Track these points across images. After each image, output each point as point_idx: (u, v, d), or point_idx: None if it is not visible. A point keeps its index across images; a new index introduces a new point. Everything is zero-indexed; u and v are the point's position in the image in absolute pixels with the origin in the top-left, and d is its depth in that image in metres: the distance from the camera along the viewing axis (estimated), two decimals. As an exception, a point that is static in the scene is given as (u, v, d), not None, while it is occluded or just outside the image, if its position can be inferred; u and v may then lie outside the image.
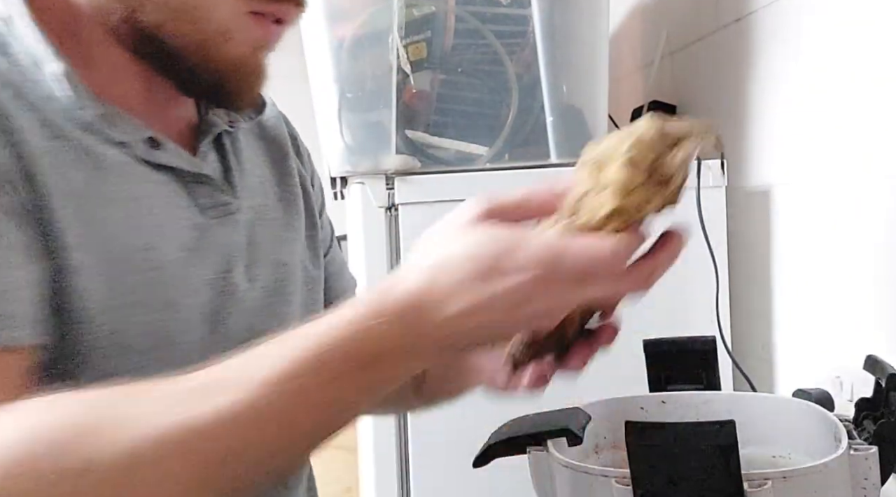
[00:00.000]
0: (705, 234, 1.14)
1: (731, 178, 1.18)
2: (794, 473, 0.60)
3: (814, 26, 1.01)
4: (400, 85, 1.16)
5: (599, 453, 0.82)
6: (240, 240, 0.64)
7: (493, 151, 1.20)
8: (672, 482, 0.57)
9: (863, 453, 0.62)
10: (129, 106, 0.60)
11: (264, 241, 0.67)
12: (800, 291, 1.08)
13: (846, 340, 0.97)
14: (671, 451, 0.57)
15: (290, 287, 0.69)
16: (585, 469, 0.65)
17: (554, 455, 0.70)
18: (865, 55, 0.91)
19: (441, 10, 1.17)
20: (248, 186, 0.67)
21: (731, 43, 1.22)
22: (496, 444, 0.76)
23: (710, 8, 1.28)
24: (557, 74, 1.20)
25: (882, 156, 0.89)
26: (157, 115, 0.62)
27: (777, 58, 1.10)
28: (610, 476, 0.62)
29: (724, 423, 0.56)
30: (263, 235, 0.67)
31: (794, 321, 1.10)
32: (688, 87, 1.41)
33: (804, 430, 0.74)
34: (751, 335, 1.19)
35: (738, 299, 1.20)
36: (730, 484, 0.56)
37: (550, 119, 1.20)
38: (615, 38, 1.70)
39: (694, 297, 1.17)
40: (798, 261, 1.08)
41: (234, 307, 0.62)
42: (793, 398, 0.81)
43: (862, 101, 0.92)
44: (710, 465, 0.56)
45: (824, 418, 0.71)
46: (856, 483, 0.62)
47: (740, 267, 1.20)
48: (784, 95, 1.09)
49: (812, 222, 1.04)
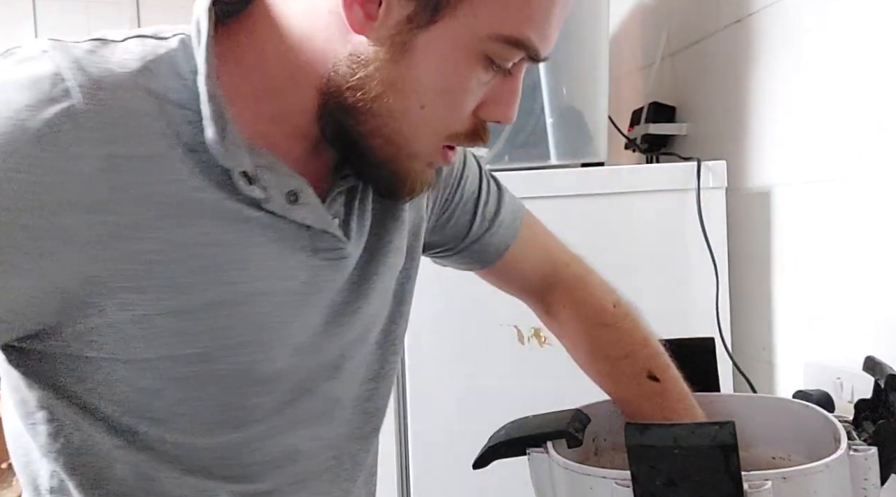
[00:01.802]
0: (705, 234, 1.14)
1: (731, 179, 1.18)
2: (793, 474, 0.60)
3: (814, 27, 1.01)
4: (400, 86, 1.16)
5: (600, 455, 0.82)
6: (343, 281, 0.65)
7: (494, 153, 1.20)
8: (672, 483, 0.57)
9: (862, 454, 0.62)
10: (284, 151, 0.59)
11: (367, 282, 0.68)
12: (800, 292, 1.08)
13: (846, 341, 0.97)
14: (671, 451, 0.57)
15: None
16: (585, 471, 0.65)
17: (554, 457, 0.70)
18: (866, 55, 0.92)
19: (441, 11, 1.17)
20: (364, 228, 0.68)
21: (731, 44, 1.23)
22: (496, 446, 0.76)
23: (711, 9, 1.28)
24: (557, 76, 1.20)
25: (882, 156, 0.89)
26: (306, 160, 0.61)
27: (777, 58, 1.10)
28: (610, 478, 0.62)
29: (723, 423, 0.56)
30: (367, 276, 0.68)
31: (794, 322, 1.10)
32: (688, 88, 1.41)
33: (804, 432, 0.74)
34: (751, 335, 1.19)
35: (738, 299, 1.20)
36: (730, 484, 0.56)
37: (550, 120, 1.20)
38: (615, 39, 1.70)
39: (694, 297, 1.17)
40: (798, 261, 1.08)
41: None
42: (792, 399, 0.81)
43: (862, 102, 0.92)
44: (710, 466, 0.56)
45: (824, 419, 0.71)
46: (856, 484, 0.62)
47: (740, 267, 1.20)
48: (784, 96, 1.09)
49: (812, 222, 1.04)
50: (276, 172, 0.58)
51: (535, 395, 0.93)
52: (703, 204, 1.15)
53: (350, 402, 0.68)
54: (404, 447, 1.16)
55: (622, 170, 1.24)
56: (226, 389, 0.59)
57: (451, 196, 0.80)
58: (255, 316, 0.58)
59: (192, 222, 0.55)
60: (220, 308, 0.56)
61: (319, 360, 0.64)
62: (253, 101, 0.58)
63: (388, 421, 1.15)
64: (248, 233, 0.57)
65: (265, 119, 0.58)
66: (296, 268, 0.60)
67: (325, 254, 0.62)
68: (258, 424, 0.62)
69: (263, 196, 0.57)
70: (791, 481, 0.59)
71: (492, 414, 0.86)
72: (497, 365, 1.15)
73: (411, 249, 0.74)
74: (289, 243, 0.60)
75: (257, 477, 0.63)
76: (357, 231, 0.66)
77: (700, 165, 1.16)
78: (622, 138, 1.47)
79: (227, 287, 0.57)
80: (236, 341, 0.58)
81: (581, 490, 0.65)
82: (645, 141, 1.41)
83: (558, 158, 1.21)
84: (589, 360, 0.85)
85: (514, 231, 0.84)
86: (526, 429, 0.76)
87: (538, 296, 0.88)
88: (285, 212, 0.59)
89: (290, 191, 0.59)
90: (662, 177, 1.17)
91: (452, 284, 1.14)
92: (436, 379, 1.14)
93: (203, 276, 0.55)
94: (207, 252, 0.56)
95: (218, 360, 0.57)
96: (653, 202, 1.17)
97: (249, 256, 0.58)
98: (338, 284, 0.64)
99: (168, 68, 0.55)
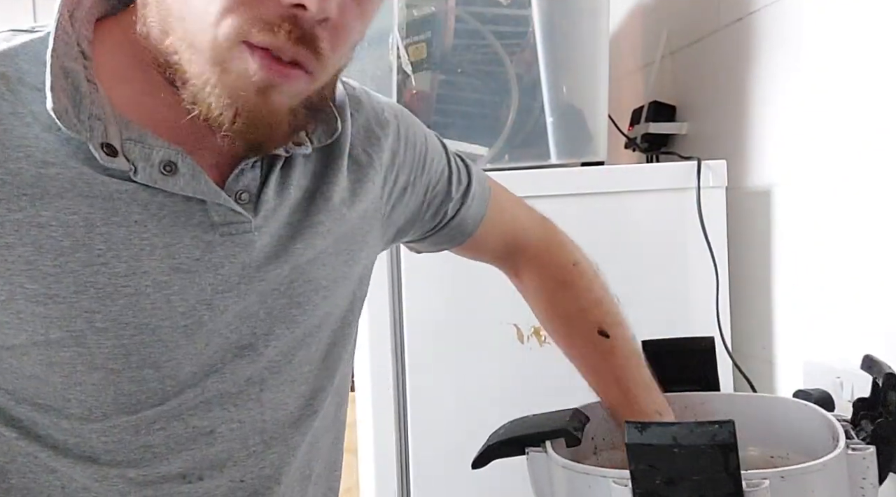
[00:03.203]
0: (705, 234, 1.14)
1: (731, 178, 1.18)
2: (791, 473, 0.60)
3: (815, 26, 1.01)
4: (400, 85, 1.17)
5: (598, 454, 0.82)
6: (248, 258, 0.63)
7: (494, 152, 1.20)
8: (671, 482, 0.57)
9: (860, 453, 0.62)
10: (170, 123, 0.59)
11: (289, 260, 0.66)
12: (800, 291, 1.08)
13: (846, 340, 0.96)
14: (670, 450, 0.57)
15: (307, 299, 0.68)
16: (583, 470, 0.65)
17: (552, 456, 0.70)
18: (866, 55, 0.91)
19: (441, 10, 1.17)
20: (284, 207, 0.66)
21: (731, 43, 1.22)
22: (494, 446, 0.76)
23: (712, 7, 1.28)
24: (557, 74, 1.20)
25: (882, 156, 0.89)
26: (203, 131, 0.59)
27: (778, 57, 1.10)
28: (608, 476, 0.62)
29: (723, 422, 0.57)
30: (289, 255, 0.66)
31: (794, 321, 1.10)
32: (688, 87, 1.41)
33: (802, 431, 0.74)
34: (751, 335, 1.19)
35: (738, 299, 1.20)
36: (729, 484, 0.56)
37: (551, 119, 1.20)
38: (615, 38, 1.70)
39: (694, 297, 1.17)
40: (798, 261, 1.08)
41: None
42: (791, 398, 0.81)
43: (862, 101, 0.92)
44: (709, 465, 0.56)
45: (822, 419, 0.71)
46: (853, 483, 0.62)
47: (740, 267, 1.20)
48: (784, 95, 1.09)
49: (812, 222, 1.04)
50: (146, 143, 0.57)
51: (535, 394, 0.93)
52: (704, 203, 1.15)
53: (280, 384, 0.66)
54: (404, 446, 1.16)
55: (622, 169, 1.24)
56: (110, 373, 0.58)
57: (414, 179, 0.78)
58: (134, 296, 0.57)
59: (52, 202, 0.55)
60: (91, 290, 0.56)
61: (225, 339, 0.62)
62: (128, 77, 0.59)
63: (388, 420, 1.16)
64: (122, 210, 0.57)
65: (141, 92, 0.59)
66: (184, 244, 0.59)
67: (224, 228, 0.61)
68: (156, 407, 0.60)
69: (128, 167, 0.56)
70: (789, 480, 0.59)
71: (492, 413, 0.86)
72: (496, 364, 1.15)
73: (356, 234, 0.72)
74: (176, 218, 0.59)
75: (160, 460, 0.61)
76: (275, 206, 0.64)
77: (700, 165, 1.16)
78: (622, 137, 1.46)
79: (98, 268, 0.56)
80: (113, 324, 0.57)
81: (579, 489, 0.66)
82: (645, 140, 1.41)
83: (558, 157, 1.21)
84: (548, 318, 0.89)
85: (485, 201, 0.85)
86: (524, 428, 0.76)
87: (506, 261, 0.90)
88: (161, 183, 0.57)
89: (165, 161, 0.58)
90: (662, 176, 1.17)
91: (452, 283, 1.14)
92: (435, 377, 1.14)
93: (67, 258, 0.55)
94: (74, 232, 0.55)
95: (96, 344, 0.56)
96: (653, 201, 1.17)
97: (126, 234, 0.57)
98: (244, 260, 0.62)
99: (29, 55, 0.57)
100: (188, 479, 0.62)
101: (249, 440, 0.65)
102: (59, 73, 0.55)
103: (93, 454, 0.59)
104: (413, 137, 0.79)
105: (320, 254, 0.68)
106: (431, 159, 0.80)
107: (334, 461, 0.76)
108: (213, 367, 0.62)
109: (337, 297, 0.70)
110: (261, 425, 0.65)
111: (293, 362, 0.67)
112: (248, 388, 0.64)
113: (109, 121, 0.57)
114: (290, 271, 0.65)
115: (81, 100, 0.56)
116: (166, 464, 0.61)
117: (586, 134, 1.23)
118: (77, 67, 0.56)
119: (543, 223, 0.90)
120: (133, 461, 0.60)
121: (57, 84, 0.55)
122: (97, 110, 0.56)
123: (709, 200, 1.16)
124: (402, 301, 1.13)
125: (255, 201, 0.63)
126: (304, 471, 0.70)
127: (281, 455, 0.67)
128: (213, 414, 0.63)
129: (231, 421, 0.63)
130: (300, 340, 0.67)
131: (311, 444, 0.70)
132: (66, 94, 0.55)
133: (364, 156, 0.73)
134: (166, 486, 0.62)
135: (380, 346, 1.14)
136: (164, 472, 0.61)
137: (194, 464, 0.63)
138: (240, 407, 0.64)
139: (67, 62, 0.56)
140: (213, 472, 0.63)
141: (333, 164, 0.70)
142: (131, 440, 0.60)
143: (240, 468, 0.65)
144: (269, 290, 0.64)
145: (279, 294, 0.65)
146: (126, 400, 0.59)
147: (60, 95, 0.55)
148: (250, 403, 0.64)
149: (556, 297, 0.87)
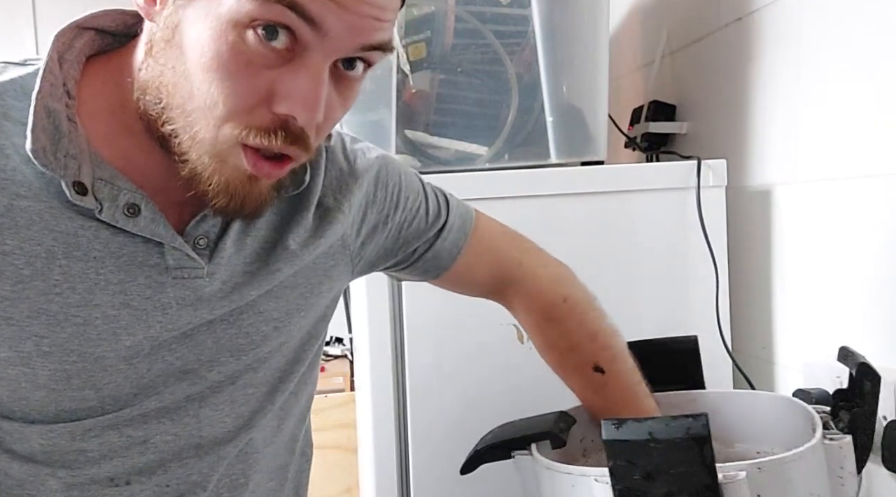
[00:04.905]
0: (705, 234, 1.14)
1: (731, 178, 1.18)
2: (768, 464, 0.60)
3: (815, 26, 1.01)
4: (399, 85, 1.16)
5: (588, 456, 0.82)
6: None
7: (493, 151, 1.20)
8: (649, 476, 0.58)
9: (837, 442, 0.63)
10: (140, 165, 0.62)
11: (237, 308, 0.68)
12: (800, 291, 1.08)
13: (846, 340, 0.96)
14: (647, 445, 0.57)
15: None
16: (566, 470, 0.66)
17: (536, 458, 0.70)
18: (866, 55, 0.91)
19: (441, 9, 1.17)
20: (242, 255, 0.68)
21: (731, 42, 1.22)
22: (482, 450, 0.77)
23: (712, 7, 1.28)
24: (557, 74, 1.20)
25: (882, 156, 0.89)
26: (170, 176, 0.61)
27: (778, 57, 1.10)
28: (589, 475, 0.63)
29: (696, 415, 0.57)
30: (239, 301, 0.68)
31: (793, 321, 1.10)
32: (688, 87, 1.41)
33: (785, 425, 0.75)
34: (751, 335, 1.19)
35: (738, 299, 1.20)
36: (705, 476, 0.57)
37: (550, 119, 1.20)
38: (615, 38, 1.70)
39: (694, 297, 1.17)
40: (798, 261, 1.08)
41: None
42: (773, 393, 0.82)
43: (862, 101, 0.92)
44: (685, 458, 0.57)
45: (803, 411, 0.72)
46: (832, 472, 0.63)
47: (740, 267, 1.20)
48: (785, 94, 1.09)
49: (812, 222, 1.04)
50: (115, 185, 0.60)
51: (535, 395, 0.93)
52: (704, 203, 1.15)
53: (220, 403, 0.68)
54: (404, 447, 1.16)
55: (622, 168, 1.23)
56: (52, 393, 0.61)
57: (387, 217, 0.80)
58: (82, 326, 0.60)
59: (19, 232, 0.58)
60: (43, 317, 0.59)
61: (168, 365, 0.65)
62: (107, 117, 0.61)
63: (388, 420, 1.15)
64: (83, 245, 0.60)
65: (119, 133, 0.61)
66: (138, 282, 0.62)
67: (177, 271, 0.64)
68: (93, 419, 0.63)
69: (94, 206, 0.59)
70: (766, 471, 0.60)
71: (491, 413, 0.86)
72: (496, 364, 1.14)
73: (317, 269, 0.74)
74: (133, 258, 0.62)
75: (92, 465, 0.64)
76: (231, 255, 0.67)
77: (700, 164, 1.15)
78: (622, 137, 1.46)
79: (52, 297, 0.59)
80: (58, 349, 0.60)
81: (563, 489, 0.66)
82: (645, 139, 1.41)
83: (558, 157, 1.21)
84: (542, 350, 0.89)
85: (464, 234, 0.85)
86: (511, 432, 0.76)
87: (497, 295, 0.90)
88: (122, 224, 0.61)
89: (129, 204, 0.61)
90: (662, 175, 1.17)
91: (452, 283, 1.14)
92: (435, 378, 1.14)
93: (25, 285, 0.59)
94: (35, 262, 0.59)
95: (41, 366, 0.60)
96: (653, 201, 1.16)
97: (83, 269, 0.60)
98: (193, 303, 0.65)
99: (16, 90, 0.60)
100: (115, 483, 0.65)
101: (183, 452, 0.67)
102: (41, 112, 0.58)
103: (31, 454, 0.63)
104: (386, 178, 0.80)
105: (274, 287, 0.70)
106: (406, 198, 0.81)
107: (283, 471, 0.77)
108: (154, 389, 0.65)
109: (292, 328, 0.72)
110: (197, 440, 0.67)
111: (237, 384, 0.69)
112: (187, 404, 0.67)
113: (84, 159, 0.59)
114: (240, 305, 0.68)
115: (60, 138, 0.58)
116: (97, 468, 0.64)
117: (586, 133, 1.23)
118: (60, 107, 0.59)
119: (534, 255, 0.90)
120: (66, 462, 0.63)
121: (38, 124, 0.58)
122: (74, 149, 0.59)
123: (709, 200, 1.16)
124: (402, 301, 1.13)
125: (212, 248, 0.66)
126: (238, 479, 0.72)
127: (211, 464, 0.69)
128: (149, 426, 0.65)
129: (166, 433, 0.66)
130: (247, 365, 0.69)
131: (245, 452, 0.72)
132: (47, 134, 0.58)
133: (333, 202, 0.75)
134: (93, 487, 0.64)
135: (380, 347, 1.14)
136: (93, 475, 0.64)
137: (124, 469, 0.65)
138: (176, 421, 0.66)
139: (52, 103, 0.59)
140: (141, 477, 0.66)
141: (298, 214, 0.72)
142: (66, 445, 0.63)
143: (169, 475, 0.67)
144: (218, 321, 0.67)
145: (228, 324, 0.67)
146: (67, 415, 0.62)
147: (40, 135, 0.57)
148: (187, 418, 0.67)
149: (545, 334, 0.88)
